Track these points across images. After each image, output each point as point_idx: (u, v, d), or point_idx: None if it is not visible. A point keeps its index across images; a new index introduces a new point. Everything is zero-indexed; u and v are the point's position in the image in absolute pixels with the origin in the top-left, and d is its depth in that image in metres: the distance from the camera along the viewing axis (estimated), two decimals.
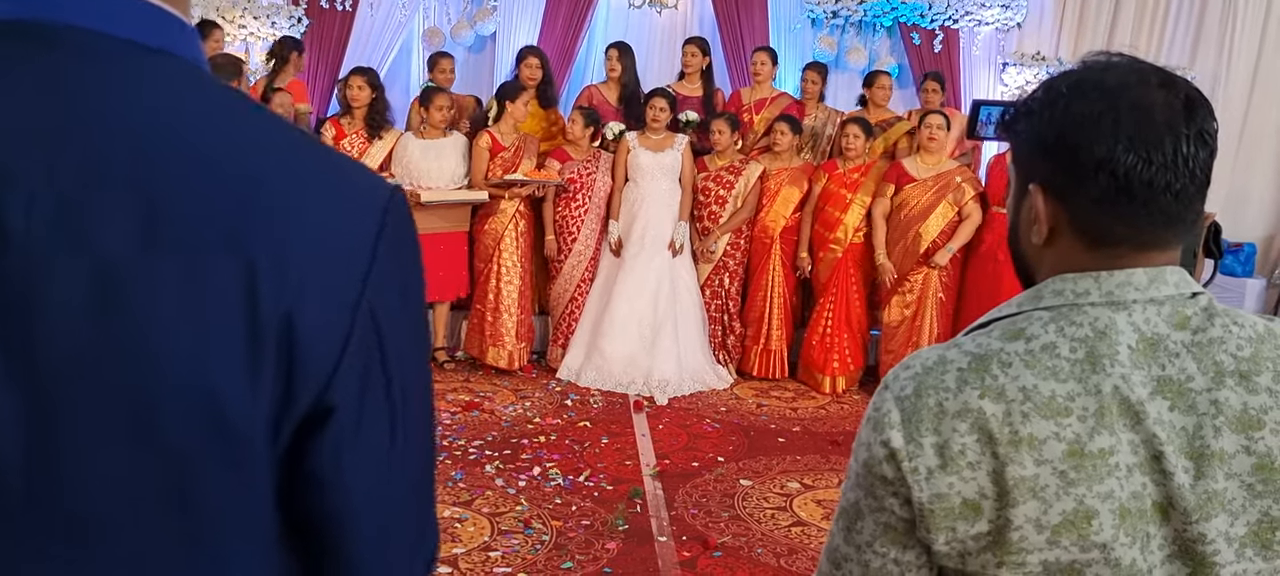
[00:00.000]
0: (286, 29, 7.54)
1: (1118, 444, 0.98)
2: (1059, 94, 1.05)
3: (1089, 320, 1.02)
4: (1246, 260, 7.96)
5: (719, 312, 6.25)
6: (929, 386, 1.04)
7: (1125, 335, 1.01)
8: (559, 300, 6.19)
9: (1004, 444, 0.99)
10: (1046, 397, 0.99)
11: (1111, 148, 1.00)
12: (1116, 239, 1.04)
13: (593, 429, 5.15)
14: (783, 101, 6.64)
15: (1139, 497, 0.99)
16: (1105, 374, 1.00)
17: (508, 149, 6.02)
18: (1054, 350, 1.01)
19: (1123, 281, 1.03)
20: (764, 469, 4.72)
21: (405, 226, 0.83)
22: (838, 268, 6.06)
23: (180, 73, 0.79)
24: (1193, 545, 0.99)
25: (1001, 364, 1.01)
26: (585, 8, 7.58)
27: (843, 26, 7.85)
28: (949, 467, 1.00)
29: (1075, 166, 1.03)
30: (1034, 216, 1.07)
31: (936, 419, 1.02)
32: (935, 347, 1.08)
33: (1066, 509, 0.98)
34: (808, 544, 3.93)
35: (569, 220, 6.10)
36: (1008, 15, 7.70)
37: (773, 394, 5.97)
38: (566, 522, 3.96)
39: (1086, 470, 0.98)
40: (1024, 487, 0.98)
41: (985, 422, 1.00)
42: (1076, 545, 0.99)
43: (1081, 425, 0.98)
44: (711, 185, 6.13)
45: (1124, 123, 1.00)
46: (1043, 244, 1.08)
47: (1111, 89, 1.02)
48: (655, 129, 6.07)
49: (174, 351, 0.73)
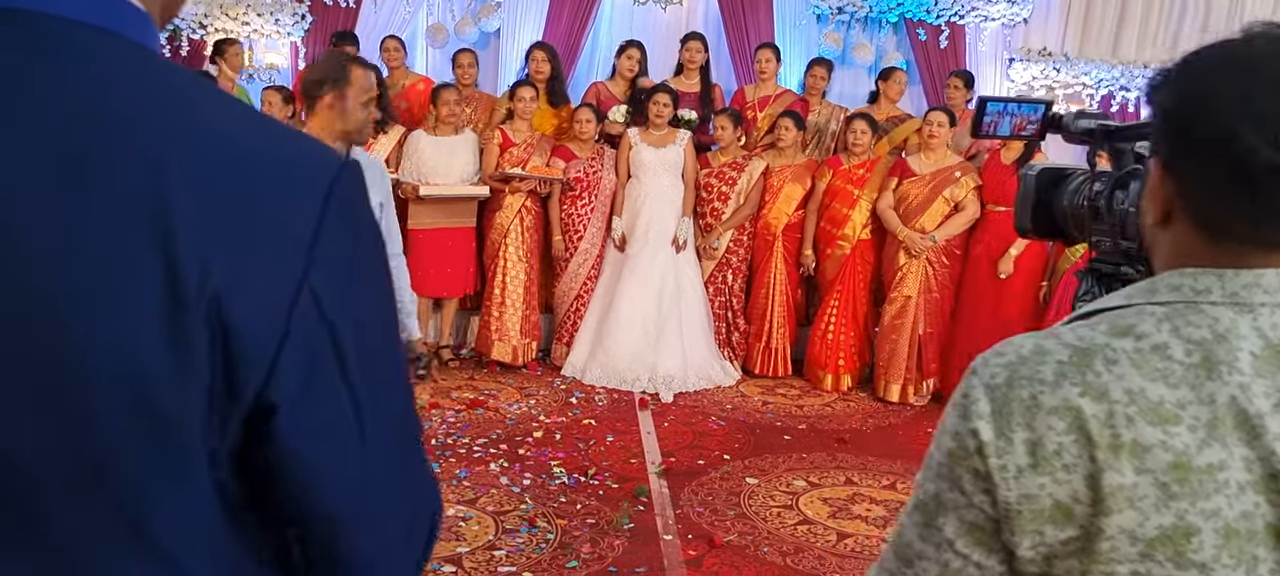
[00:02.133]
0: (290, 26, 7.53)
1: (1229, 459, 0.89)
2: (1193, 60, 0.95)
3: (1208, 321, 0.92)
4: None
5: (723, 309, 6.22)
6: (1023, 376, 0.95)
7: (1248, 340, 0.91)
8: (564, 298, 6.17)
9: (1103, 448, 0.91)
10: (1154, 402, 0.90)
11: (1233, 124, 0.89)
12: (1232, 232, 0.93)
13: (598, 426, 5.13)
14: (787, 98, 6.61)
15: (1249, 518, 0.90)
16: (1222, 382, 0.90)
17: (518, 145, 6.01)
18: (1166, 351, 0.92)
19: (1250, 282, 0.92)
20: (770, 467, 4.69)
21: (356, 203, 0.83)
22: (845, 265, 6.03)
23: (124, 52, 0.79)
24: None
25: (1107, 360, 0.92)
26: (590, 4, 7.56)
27: (848, 22, 7.81)
28: (1041, 467, 0.93)
29: (1192, 142, 0.93)
30: (1150, 191, 0.99)
31: (1030, 413, 0.93)
32: (1031, 335, 0.99)
33: (1165, 523, 0.90)
34: (814, 542, 3.90)
35: (575, 218, 6.08)
36: (1014, 10, 7.66)
37: (778, 391, 5.95)
38: (571, 521, 3.94)
39: (1192, 485, 0.90)
40: (1121, 496, 0.91)
41: (1084, 423, 0.92)
42: (1172, 561, 0.91)
43: (1191, 436, 0.90)
44: (714, 181, 6.10)
45: (1254, 98, 0.88)
46: (1157, 226, 0.99)
47: (1250, 59, 0.90)
48: (657, 125, 6.04)
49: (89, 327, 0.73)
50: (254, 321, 0.76)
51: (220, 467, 0.80)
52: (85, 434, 0.74)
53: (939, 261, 5.79)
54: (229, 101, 0.85)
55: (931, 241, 5.73)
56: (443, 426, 4.98)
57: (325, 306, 0.79)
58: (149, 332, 0.73)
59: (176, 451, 0.77)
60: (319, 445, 0.81)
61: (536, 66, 6.33)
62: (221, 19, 7.39)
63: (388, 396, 0.86)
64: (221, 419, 0.78)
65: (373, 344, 0.84)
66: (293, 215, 0.79)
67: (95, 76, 0.77)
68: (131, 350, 0.73)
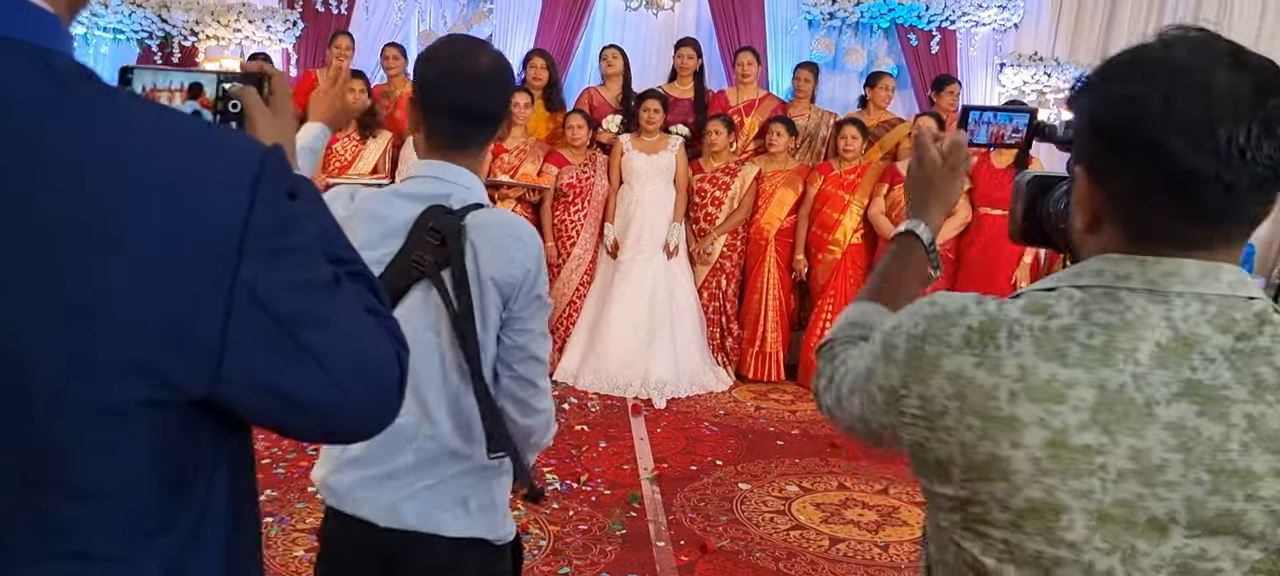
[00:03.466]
0: (282, 33, 7.52)
1: (1110, 444, 0.91)
2: (1115, 68, 0.97)
3: (1121, 308, 0.94)
4: (1245, 261, 7.96)
5: (717, 314, 6.23)
6: (935, 334, 1.00)
7: (1156, 331, 0.93)
8: (557, 304, 6.16)
9: (982, 418, 0.95)
10: (1043, 380, 0.93)
11: (1157, 131, 0.91)
12: (1155, 233, 0.95)
13: (590, 433, 5.13)
14: (770, 102, 6.62)
15: (1128, 507, 0.91)
16: (1116, 369, 0.92)
17: (511, 152, 6.01)
18: (1071, 332, 0.94)
19: (1170, 271, 0.94)
20: (762, 472, 4.70)
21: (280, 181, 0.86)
22: (837, 269, 6.04)
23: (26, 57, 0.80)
24: (1193, 563, 0.91)
25: (1011, 336, 0.96)
26: (582, 9, 7.57)
27: (840, 28, 7.83)
28: (931, 423, 0.98)
29: (1118, 148, 0.95)
30: (1077, 200, 1.01)
31: (929, 370, 0.99)
32: (967, 295, 1.02)
33: (1033, 497, 0.93)
34: (806, 547, 3.90)
35: (568, 224, 6.08)
36: (1005, 16, 7.68)
37: (771, 396, 5.95)
38: (564, 527, 3.94)
39: (1063, 462, 0.92)
40: (994, 466, 0.94)
41: (970, 392, 0.96)
42: (1042, 536, 0.94)
43: (1073, 416, 0.92)
44: (707, 186, 6.11)
45: (1175, 105, 0.90)
46: (1085, 230, 1.01)
47: (1170, 67, 0.92)
48: (649, 131, 6.05)
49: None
50: (193, 328, 0.80)
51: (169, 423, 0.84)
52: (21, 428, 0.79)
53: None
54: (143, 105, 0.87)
55: None
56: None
57: (262, 297, 0.83)
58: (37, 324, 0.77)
59: (118, 441, 0.82)
60: (283, 389, 0.87)
61: (534, 74, 6.34)
62: (213, 26, 7.38)
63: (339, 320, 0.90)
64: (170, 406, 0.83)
65: (314, 298, 0.88)
66: (216, 217, 0.81)
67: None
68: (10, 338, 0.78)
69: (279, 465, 4.39)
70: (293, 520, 3.85)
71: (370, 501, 1.76)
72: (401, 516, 1.76)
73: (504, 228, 1.77)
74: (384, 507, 1.76)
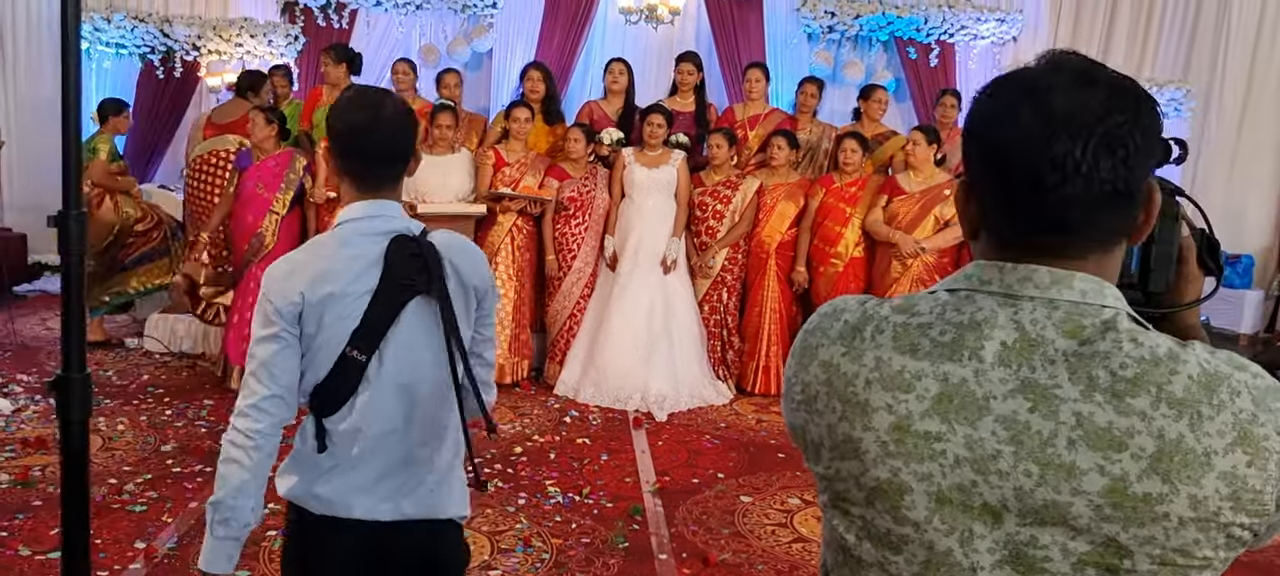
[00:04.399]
0: (283, 47, 7.55)
1: (948, 432, 0.98)
2: (988, 85, 1.05)
3: (974, 308, 1.02)
4: (1244, 272, 7.97)
5: (718, 328, 6.24)
6: (819, 328, 1.11)
7: (1004, 331, 0.99)
8: (557, 317, 6.18)
9: (844, 402, 1.04)
10: (894, 371, 1.02)
11: (1005, 145, 0.98)
12: (1015, 241, 1.02)
13: (592, 446, 5.14)
14: (776, 117, 6.64)
15: (964, 492, 0.98)
16: (959, 364, 0.99)
17: (512, 165, 6.04)
18: (926, 329, 1.03)
19: (1024, 276, 1.01)
20: (764, 485, 4.70)
21: None
22: (838, 282, 6.05)
23: None
24: (1024, 549, 0.96)
25: (876, 330, 1.05)
26: (582, 23, 7.61)
27: (839, 41, 7.87)
28: (808, 406, 1.08)
29: (981, 159, 1.03)
30: (959, 209, 1.09)
31: (810, 360, 1.09)
32: (857, 297, 1.12)
33: (881, 476, 1.01)
34: (808, 560, 3.91)
35: (569, 238, 6.10)
36: (1003, 29, 7.73)
37: (773, 409, 5.96)
38: (566, 540, 3.94)
39: (907, 447, 1.00)
40: (849, 446, 1.03)
41: (836, 378, 1.05)
42: (890, 514, 1.02)
43: (917, 404, 1.00)
44: (709, 200, 6.13)
45: (1020, 119, 0.97)
46: (970, 237, 1.09)
47: (1023, 84, 1.00)
48: (652, 145, 6.07)
49: None
50: None
51: None
52: None
53: (931, 279, 5.82)
54: None
55: (920, 249, 5.77)
56: None
57: None
58: None
59: None
60: None
61: (531, 86, 6.36)
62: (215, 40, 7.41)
63: None
64: None
65: None
66: None
67: None
68: None
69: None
70: None
71: (393, 499, 1.96)
72: (401, 510, 1.97)
73: (464, 245, 2.05)
74: (384, 505, 1.96)
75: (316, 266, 1.88)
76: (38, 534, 3.74)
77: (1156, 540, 0.93)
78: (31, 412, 5.17)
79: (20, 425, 4.98)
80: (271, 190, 5.75)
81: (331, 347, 1.87)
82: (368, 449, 1.92)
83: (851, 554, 1.07)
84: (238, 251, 5.84)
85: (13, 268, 8.11)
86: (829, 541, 1.12)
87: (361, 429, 1.91)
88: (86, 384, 1.78)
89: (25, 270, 8.33)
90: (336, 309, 1.85)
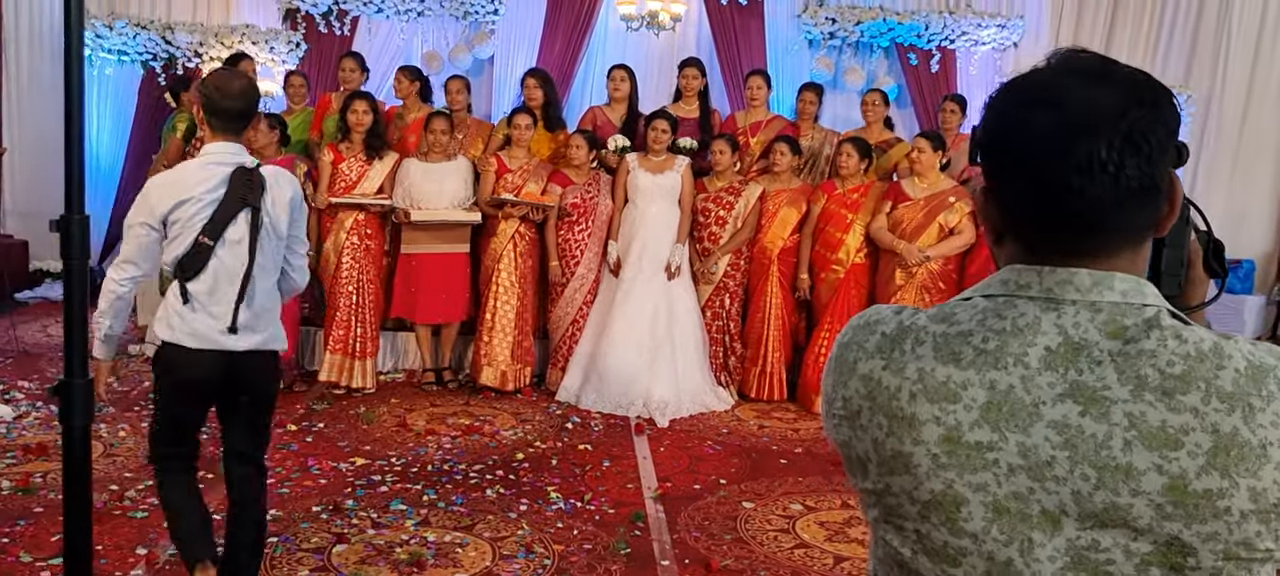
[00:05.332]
0: (285, 54, 7.56)
1: (1000, 441, 0.97)
2: (1000, 90, 1.04)
3: (1016, 314, 1.00)
4: (1245, 277, 7.96)
5: (720, 334, 6.23)
6: (855, 342, 1.09)
7: (1047, 336, 0.98)
8: (559, 324, 6.17)
9: (888, 416, 1.02)
10: (940, 382, 1.00)
11: (1024, 147, 0.98)
12: (1047, 244, 1.01)
13: (594, 452, 5.13)
14: (778, 124, 6.65)
15: (1022, 499, 0.96)
16: (1005, 370, 0.98)
17: (514, 171, 6.04)
18: (968, 337, 1.01)
19: (1064, 279, 0.99)
20: (766, 491, 4.70)
21: None
22: (840, 288, 6.04)
23: None
24: (1086, 554, 0.95)
25: (916, 341, 1.03)
26: (583, 30, 7.61)
27: (840, 47, 7.87)
28: (851, 422, 1.06)
29: (1000, 165, 1.02)
30: (981, 215, 1.08)
31: (849, 373, 1.07)
32: (892, 307, 1.11)
33: (935, 489, 0.99)
34: (811, 566, 3.90)
35: (572, 244, 6.10)
36: (1004, 35, 7.73)
37: (774, 415, 5.95)
38: (568, 547, 3.94)
39: (959, 458, 0.98)
40: (899, 461, 1.01)
41: (878, 393, 1.03)
42: (946, 526, 1.00)
43: (965, 414, 0.98)
44: (711, 206, 6.13)
45: (1039, 121, 0.97)
46: (995, 244, 1.08)
47: (1039, 86, 0.99)
48: (656, 151, 6.07)
49: None
50: None
51: None
52: None
53: (935, 287, 5.82)
54: None
55: (925, 258, 5.76)
56: (438, 452, 4.98)
57: None
58: None
59: None
60: None
61: (529, 93, 6.36)
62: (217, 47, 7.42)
63: None
64: None
65: None
66: None
67: None
68: None
69: (283, 485, 4.40)
70: (297, 540, 3.85)
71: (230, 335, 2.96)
72: (240, 344, 2.98)
73: (282, 175, 3.11)
74: (227, 338, 2.96)
75: (184, 182, 2.93)
76: (39, 540, 3.74)
77: (1219, 535, 0.92)
78: (33, 419, 5.17)
79: (22, 431, 4.98)
80: None
81: (187, 235, 2.89)
82: (214, 302, 2.93)
83: (908, 568, 1.05)
84: None
85: (15, 274, 8.12)
86: (882, 558, 1.09)
87: (211, 289, 2.92)
88: (88, 389, 1.78)
89: (27, 277, 8.33)
90: (191, 210, 2.88)
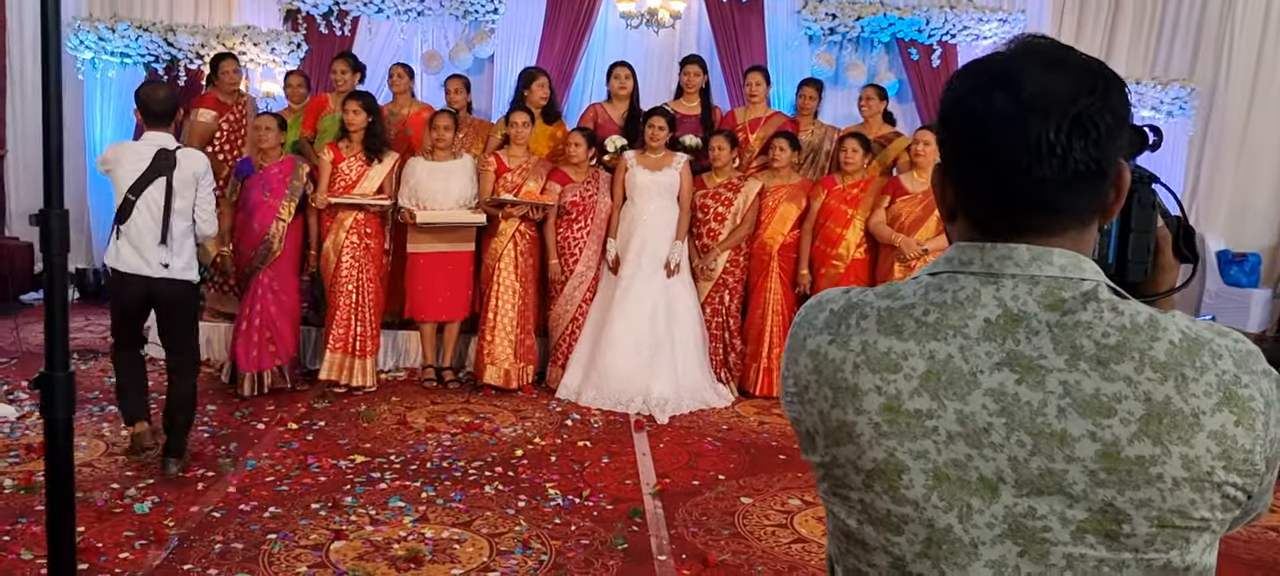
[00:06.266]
0: (286, 55, 7.58)
1: (939, 409, 0.99)
2: (958, 73, 1.07)
3: (956, 287, 1.03)
4: (1251, 271, 7.92)
5: (720, 330, 6.23)
6: (806, 320, 1.13)
7: (987, 308, 1.01)
8: (559, 321, 6.17)
9: (834, 388, 1.05)
10: (881, 353, 1.03)
11: (979, 128, 1.00)
12: (989, 222, 1.04)
13: (593, 448, 5.13)
14: (777, 121, 6.64)
15: (960, 466, 0.99)
16: (944, 341, 1.01)
17: (513, 170, 6.04)
18: (910, 310, 1.04)
19: (1004, 254, 1.02)
20: (765, 486, 4.69)
21: None
22: (840, 283, 6.03)
23: None
24: (1023, 520, 0.97)
25: (861, 316, 1.07)
26: (583, 29, 7.61)
27: (840, 43, 7.86)
28: (801, 397, 1.10)
29: (956, 145, 1.05)
30: (935, 194, 1.11)
31: (799, 351, 1.11)
32: (842, 288, 1.14)
33: (878, 457, 1.02)
34: (808, 560, 3.89)
35: (571, 242, 6.10)
36: (1005, 30, 7.70)
37: (774, 411, 5.95)
38: (566, 542, 3.94)
39: (900, 425, 1.01)
40: (843, 431, 1.04)
41: (824, 366, 1.07)
42: (888, 494, 1.02)
43: (905, 383, 1.01)
44: (710, 202, 6.13)
45: (992, 104, 0.99)
46: (947, 221, 1.11)
47: (992, 69, 1.02)
48: (654, 148, 6.07)
49: None
50: None
51: None
52: None
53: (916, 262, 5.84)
54: None
55: (924, 251, 5.76)
56: (438, 449, 4.98)
57: None
58: None
59: None
60: None
61: (539, 94, 6.40)
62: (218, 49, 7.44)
63: None
64: None
65: None
66: None
67: None
68: None
69: (283, 482, 4.41)
70: (295, 536, 3.86)
71: (149, 265, 4.31)
72: (161, 271, 4.32)
73: (194, 155, 4.47)
74: (149, 266, 4.32)
75: (123, 157, 4.36)
76: (41, 538, 3.75)
77: (1153, 502, 0.94)
78: (36, 419, 5.20)
79: (25, 431, 5.00)
80: (277, 197, 5.77)
81: (120, 191, 4.30)
82: (140, 239, 4.29)
83: (854, 538, 1.08)
84: (243, 258, 5.86)
85: (19, 276, 8.15)
86: (832, 531, 1.13)
87: (140, 228, 4.28)
88: (70, 382, 1.79)
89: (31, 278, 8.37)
90: (123, 174, 4.30)
